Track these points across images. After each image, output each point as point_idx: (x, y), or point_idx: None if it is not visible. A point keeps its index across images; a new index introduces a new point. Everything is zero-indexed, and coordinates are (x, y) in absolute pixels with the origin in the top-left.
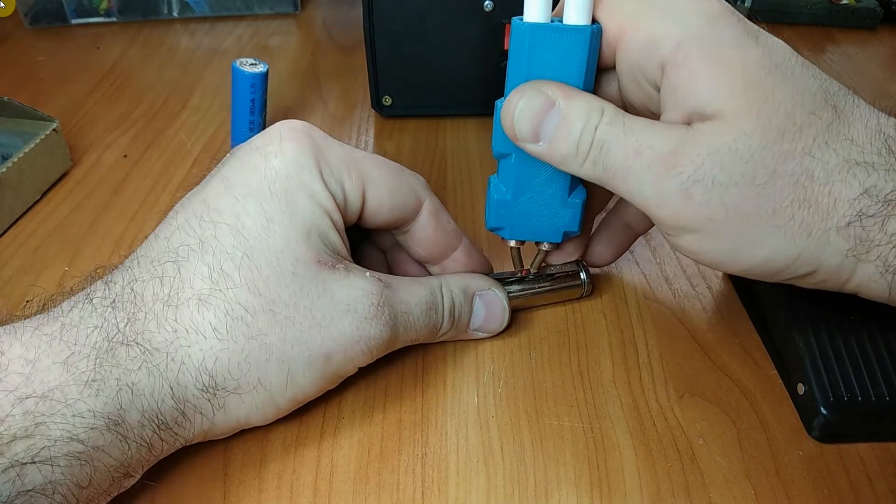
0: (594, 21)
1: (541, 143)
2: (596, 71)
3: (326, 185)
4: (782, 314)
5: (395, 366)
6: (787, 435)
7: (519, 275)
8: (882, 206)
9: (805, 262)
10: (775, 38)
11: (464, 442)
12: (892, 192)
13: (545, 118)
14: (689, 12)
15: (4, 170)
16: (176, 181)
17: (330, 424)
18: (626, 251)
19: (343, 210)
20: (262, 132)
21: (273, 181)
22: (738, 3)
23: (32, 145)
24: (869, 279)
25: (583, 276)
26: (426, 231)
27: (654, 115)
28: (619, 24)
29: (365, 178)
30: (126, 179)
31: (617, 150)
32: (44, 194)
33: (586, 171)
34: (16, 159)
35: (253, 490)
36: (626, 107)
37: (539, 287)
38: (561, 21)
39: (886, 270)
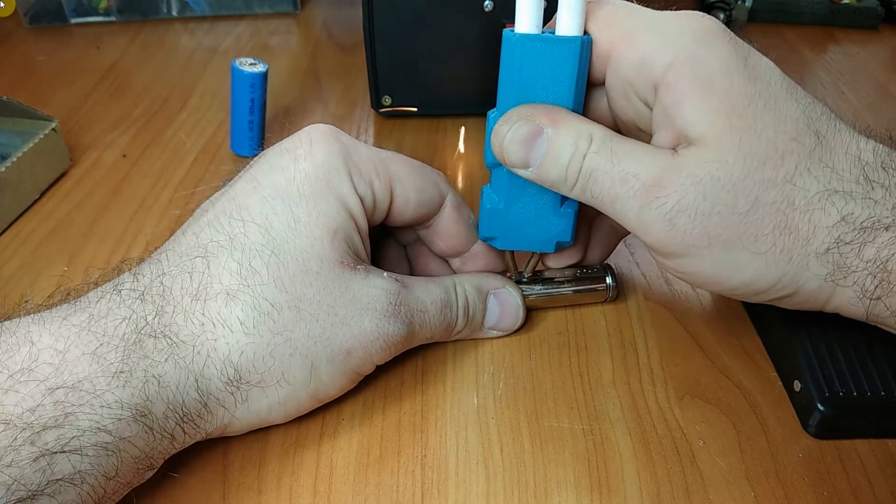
0: (585, 33)
1: (531, 169)
2: (587, 84)
3: (355, 188)
4: (779, 312)
5: (395, 367)
6: (786, 436)
7: (543, 274)
8: (858, 233)
9: (785, 285)
10: (765, 60)
11: (463, 443)
12: (867, 219)
13: (533, 146)
14: (681, 32)
15: (3, 169)
16: (175, 181)
17: (329, 426)
18: (613, 251)
19: (371, 211)
20: (292, 135)
21: (302, 183)
22: (740, 2)
23: (31, 145)
24: (847, 302)
25: (608, 280)
26: (448, 225)
27: (643, 132)
28: (611, 39)
29: (392, 179)
30: (125, 179)
31: (604, 178)
32: (43, 194)
33: (576, 196)
34: (15, 159)
35: (252, 492)
36: (615, 122)
37: (561, 288)
38: (553, 33)
39: (864, 295)
